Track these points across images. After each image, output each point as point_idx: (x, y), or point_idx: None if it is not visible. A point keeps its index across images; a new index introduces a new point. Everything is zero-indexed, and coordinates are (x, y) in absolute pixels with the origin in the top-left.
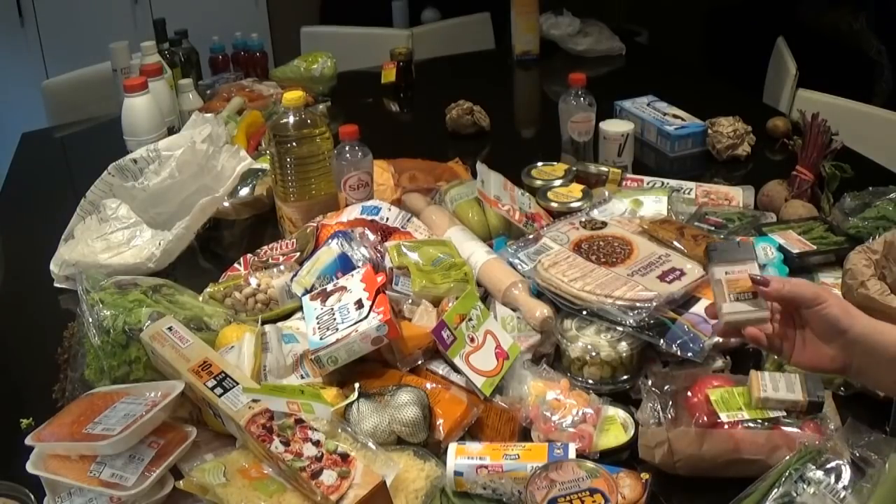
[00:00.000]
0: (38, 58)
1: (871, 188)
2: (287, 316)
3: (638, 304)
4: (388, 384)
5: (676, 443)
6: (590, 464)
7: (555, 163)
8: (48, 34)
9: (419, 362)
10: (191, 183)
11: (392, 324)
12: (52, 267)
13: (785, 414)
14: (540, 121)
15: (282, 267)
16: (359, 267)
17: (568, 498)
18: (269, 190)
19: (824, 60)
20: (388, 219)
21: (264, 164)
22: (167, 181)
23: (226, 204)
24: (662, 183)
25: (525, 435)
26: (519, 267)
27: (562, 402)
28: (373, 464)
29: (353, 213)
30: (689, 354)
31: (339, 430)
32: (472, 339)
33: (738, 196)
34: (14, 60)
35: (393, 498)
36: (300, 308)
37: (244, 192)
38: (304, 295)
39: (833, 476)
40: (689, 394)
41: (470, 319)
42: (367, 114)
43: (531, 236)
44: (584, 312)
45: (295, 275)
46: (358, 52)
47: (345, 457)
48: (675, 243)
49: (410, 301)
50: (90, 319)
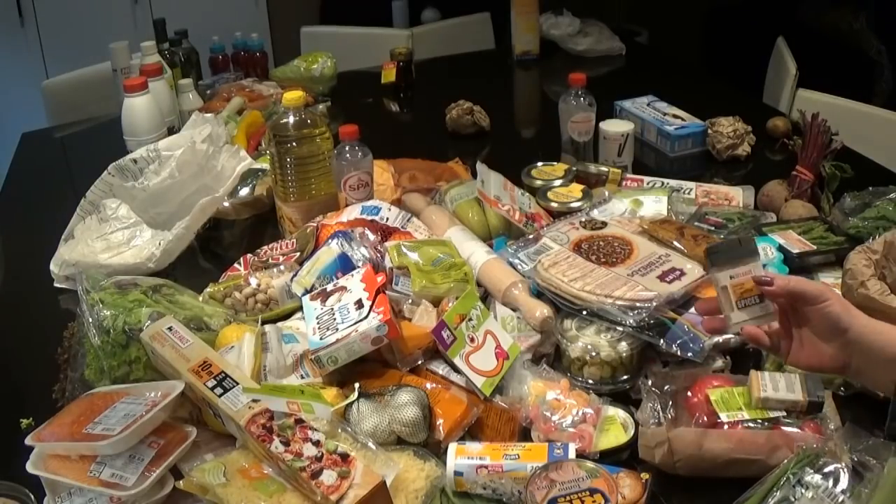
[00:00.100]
0: (38, 58)
1: (871, 188)
2: (287, 316)
3: (638, 304)
4: (388, 384)
5: (676, 443)
6: (590, 464)
7: (555, 163)
8: (48, 34)
9: (419, 362)
10: (191, 183)
11: (392, 324)
12: (52, 267)
13: (785, 414)
14: (540, 121)
15: (282, 267)
16: (359, 267)
17: (568, 498)
18: (269, 190)
19: (824, 60)
20: (388, 219)
21: (264, 164)
22: (167, 181)
23: (226, 204)
24: (662, 183)
25: (525, 435)
26: (519, 267)
27: (562, 402)
28: (373, 464)
29: (353, 213)
30: (689, 354)
31: (339, 430)
32: (472, 339)
33: (738, 196)
34: (14, 60)
35: (393, 498)
36: (300, 308)
37: (244, 192)
38: (304, 295)
39: (831, 480)
40: (689, 394)
41: (470, 319)
42: (367, 114)
43: (531, 236)
44: (584, 312)
45: (295, 275)
46: (358, 52)
47: (345, 457)
48: (675, 243)
49: (410, 301)
50: (90, 319)
